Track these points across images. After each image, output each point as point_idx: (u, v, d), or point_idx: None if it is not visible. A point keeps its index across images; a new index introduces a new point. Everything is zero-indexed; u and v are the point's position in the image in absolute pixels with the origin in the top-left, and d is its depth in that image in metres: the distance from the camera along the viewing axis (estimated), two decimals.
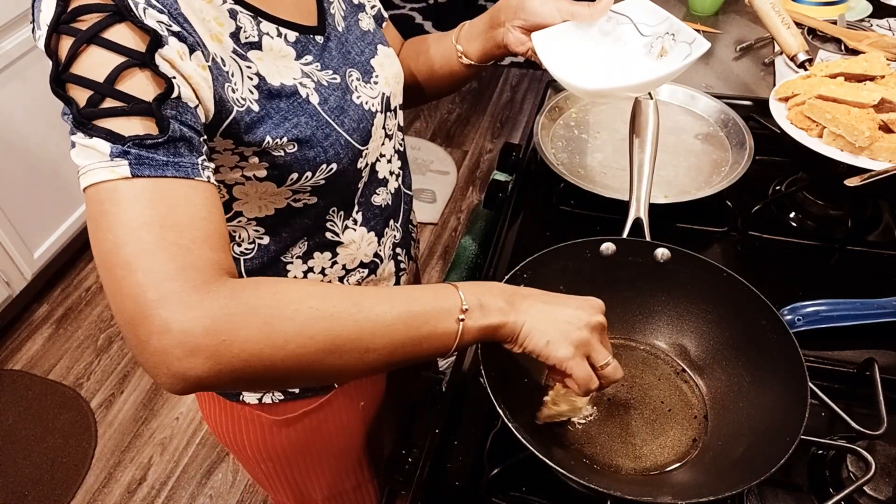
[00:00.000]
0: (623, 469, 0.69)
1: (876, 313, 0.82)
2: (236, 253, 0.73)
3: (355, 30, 0.76)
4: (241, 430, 0.90)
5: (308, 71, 0.67)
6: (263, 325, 0.48)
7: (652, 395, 0.76)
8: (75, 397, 2.02)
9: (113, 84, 0.50)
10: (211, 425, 0.94)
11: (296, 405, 0.86)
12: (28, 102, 2.03)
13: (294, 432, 0.89)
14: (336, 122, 0.67)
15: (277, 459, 0.93)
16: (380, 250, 0.82)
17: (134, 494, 1.80)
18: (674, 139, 1.09)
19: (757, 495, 0.68)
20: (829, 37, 1.30)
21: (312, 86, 0.66)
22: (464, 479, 0.72)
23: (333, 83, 0.69)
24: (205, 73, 0.55)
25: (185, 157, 0.51)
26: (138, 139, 0.49)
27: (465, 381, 0.81)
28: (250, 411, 0.87)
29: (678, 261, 0.78)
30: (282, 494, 1.01)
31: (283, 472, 0.95)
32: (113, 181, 0.48)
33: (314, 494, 1.00)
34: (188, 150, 0.52)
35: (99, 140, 0.49)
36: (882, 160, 0.86)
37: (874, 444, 0.67)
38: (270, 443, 0.90)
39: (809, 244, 0.96)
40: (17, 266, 2.10)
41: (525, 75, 3.34)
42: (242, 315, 0.48)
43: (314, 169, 0.66)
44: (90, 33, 0.50)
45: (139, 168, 0.49)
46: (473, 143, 2.94)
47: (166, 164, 0.50)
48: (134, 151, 0.49)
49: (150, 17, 0.52)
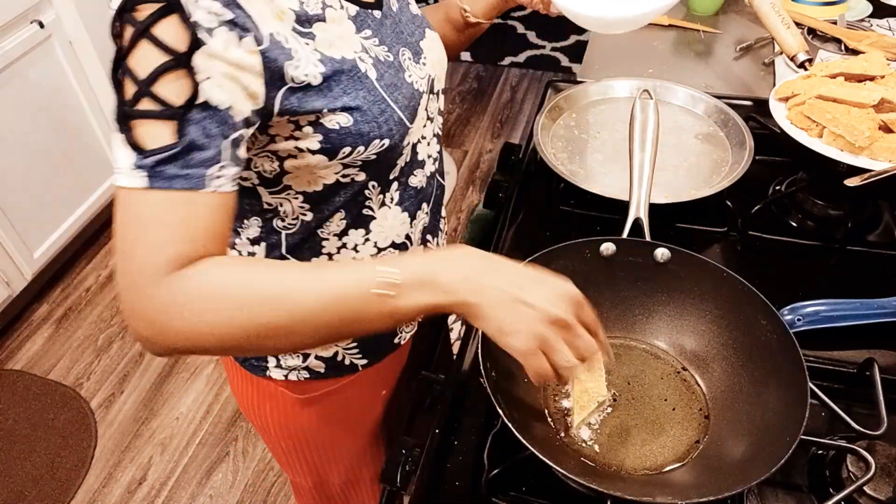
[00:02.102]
0: (623, 469, 0.69)
1: (876, 313, 0.82)
2: (278, 227, 0.74)
3: (406, 12, 0.78)
4: (266, 405, 0.91)
5: (367, 45, 0.68)
6: (195, 315, 0.56)
7: (652, 395, 0.76)
8: (75, 397, 2.02)
9: (152, 84, 0.54)
10: (237, 397, 0.96)
11: (320, 384, 0.88)
12: (28, 102, 2.03)
13: (316, 412, 0.90)
14: (391, 98, 0.68)
15: (298, 438, 0.94)
16: (411, 232, 0.82)
17: (134, 494, 1.80)
18: (674, 139, 1.09)
19: (757, 495, 0.68)
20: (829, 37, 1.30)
21: (370, 61, 0.67)
22: (464, 479, 0.72)
23: (388, 60, 0.70)
24: (254, 57, 0.57)
25: (195, 168, 0.56)
26: (155, 153, 0.54)
27: (465, 381, 0.81)
28: (275, 387, 0.88)
29: (678, 261, 0.78)
30: (300, 475, 1.02)
31: (303, 452, 0.97)
32: (131, 189, 0.55)
33: (332, 478, 1.01)
34: (200, 161, 0.56)
35: (127, 147, 0.55)
36: (882, 160, 0.86)
37: (874, 444, 0.67)
38: (293, 420, 0.91)
39: (809, 244, 0.96)
40: (17, 266, 2.10)
41: (525, 75, 3.34)
42: (179, 306, 0.56)
43: (367, 143, 0.67)
44: (143, 26, 0.53)
45: (154, 181, 0.55)
46: (473, 143, 2.94)
47: (176, 177, 0.55)
48: (151, 165, 0.54)
49: (201, 9, 0.54)
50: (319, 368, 0.86)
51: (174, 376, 2.08)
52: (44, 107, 2.09)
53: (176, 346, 0.58)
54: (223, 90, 0.56)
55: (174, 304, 0.56)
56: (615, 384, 0.77)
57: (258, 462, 1.86)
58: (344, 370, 0.88)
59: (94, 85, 2.25)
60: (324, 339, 0.60)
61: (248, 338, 0.57)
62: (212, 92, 0.55)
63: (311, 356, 0.85)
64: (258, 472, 1.83)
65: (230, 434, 1.92)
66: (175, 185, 0.55)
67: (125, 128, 0.54)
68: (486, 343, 0.68)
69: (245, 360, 0.88)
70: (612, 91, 1.19)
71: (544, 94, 1.25)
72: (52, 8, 2.05)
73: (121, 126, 0.55)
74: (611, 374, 0.77)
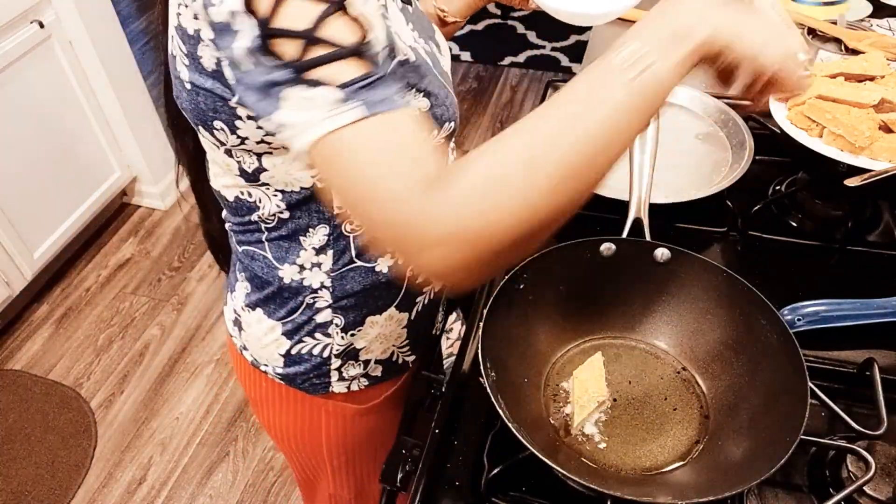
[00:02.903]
0: (623, 469, 0.69)
1: (876, 313, 0.82)
2: (347, 231, 0.73)
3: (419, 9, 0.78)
4: (321, 425, 0.89)
5: (414, 37, 0.68)
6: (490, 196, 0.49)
7: (652, 395, 0.76)
8: (75, 397, 2.02)
9: (317, 32, 0.49)
10: (277, 431, 0.92)
11: (378, 390, 0.87)
12: (28, 102, 2.03)
13: (372, 420, 0.90)
14: (447, 83, 0.69)
15: (352, 451, 0.93)
16: None
17: (134, 494, 1.80)
18: (674, 139, 1.09)
19: (757, 495, 0.68)
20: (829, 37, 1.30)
21: (421, 50, 0.68)
22: (464, 479, 0.72)
23: (428, 50, 0.70)
24: (383, 10, 0.56)
25: (395, 89, 0.52)
26: (359, 80, 0.50)
27: (465, 381, 0.81)
28: (334, 404, 0.87)
29: (678, 261, 0.78)
30: (343, 488, 1.00)
31: (353, 464, 0.95)
32: (345, 126, 0.49)
33: (372, 487, 1.00)
34: (395, 83, 0.52)
35: (325, 88, 0.49)
36: (882, 160, 0.86)
37: (874, 444, 0.67)
38: (350, 434, 0.90)
39: (809, 244, 0.96)
40: (17, 266, 2.10)
41: (525, 75, 3.34)
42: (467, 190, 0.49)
43: (440, 127, 0.67)
44: None
45: (373, 107, 0.50)
46: (473, 143, 2.94)
47: (383, 101, 0.50)
48: (364, 92, 0.50)
49: None
50: (377, 372, 0.85)
51: (174, 376, 2.08)
52: (44, 107, 2.09)
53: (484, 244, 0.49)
54: (381, 27, 0.53)
55: (461, 197, 0.49)
56: (615, 384, 0.77)
57: (258, 462, 1.86)
58: (398, 370, 0.87)
59: (94, 85, 2.25)
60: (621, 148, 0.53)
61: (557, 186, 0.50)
62: (377, 26, 0.52)
63: (371, 362, 0.84)
64: (258, 472, 1.83)
65: (230, 434, 1.92)
66: (397, 103, 0.50)
67: (303, 79, 0.49)
68: (486, 343, 0.68)
69: (305, 381, 0.84)
70: None
71: (544, 94, 1.25)
72: (52, 8, 2.05)
73: (295, 81, 0.50)
74: (611, 374, 0.77)
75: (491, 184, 0.49)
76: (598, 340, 0.81)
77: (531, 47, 3.50)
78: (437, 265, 0.50)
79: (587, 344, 0.81)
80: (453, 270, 0.50)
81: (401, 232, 0.50)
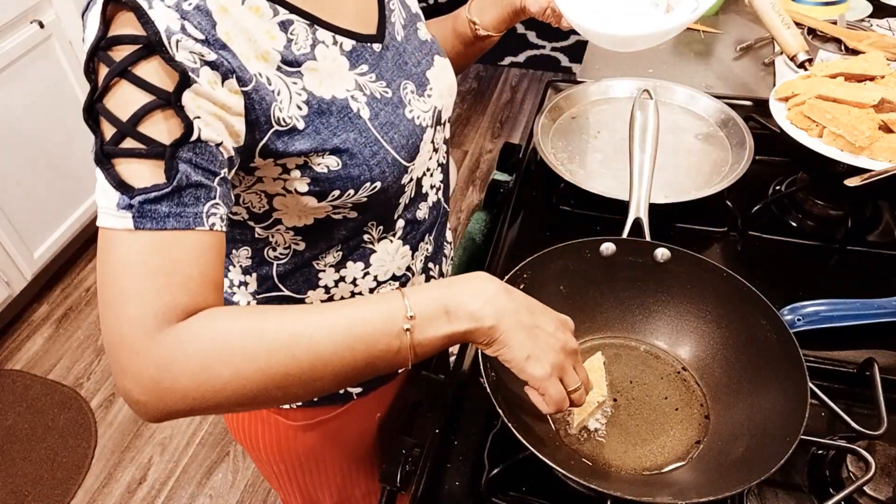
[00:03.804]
0: (623, 469, 0.69)
1: (876, 313, 0.82)
2: (270, 258, 0.72)
3: (413, 40, 0.74)
4: (257, 430, 0.89)
5: (361, 83, 0.65)
6: (201, 371, 0.51)
7: (652, 395, 0.76)
8: (75, 397, 2.02)
9: (136, 125, 0.51)
10: (226, 419, 0.94)
11: (315, 412, 0.86)
12: (28, 102, 2.03)
13: (310, 438, 0.89)
14: (385, 138, 0.66)
15: (291, 463, 0.92)
16: (412, 264, 0.81)
17: (134, 494, 1.80)
18: (674, 139, 1.09)
19: (757, 495, 0.68)
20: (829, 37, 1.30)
21: (364, 99, 0.65)
22: (464, 479, 0.72)
23: (386, 97, 0.67)
24: (237, 97, 0.55)
25: (189, 206, 0.52)
26: (145, 191, 0.51)
27: (465, 381, 0.81)
28: (267, 414, 0.86)
29: (678, 261, 0.78)
30: (291, 496, 1.00)
31: (295, 476, 0.95)
32: (116, 230, 0.51)
33: (323, 499, 0.99)
34: (194, 199, 0.53)
35: (110, 188, 0.51)
36: (882, 160, 0.86)
37: (874, 444, 0.67)
38: (285, 446, 0.90)
39: (809, 244, 0.96)
40: (17, 266, 2.10)
41: (525, 75, 3.34)
42: (181, 362, 0.50)
43: (357, 187, 0.65)
44: (121, 66, 0.51)
45: (141, 221, 0.51)
46: (473, 143, 2.94)
47: (168, 216, 0.51)
48: (138, 205, 0.51)
49: (183, 49, 0.51)
50: None
51: None
52: (44, 107, 2.09)
53: (176, 408, 0.52)
54: (212, 128, 0.54)
55: (174, 360, 0.50)
56: (615, 384, 0.77)
57: None
58: (338, 399, 0.86)
59: None
60: (343, 382, 0.56)
61: (265, 389, 0.52)
62: (203, 129, 0.53)
63: None
64: (258, 472, 1.83)
65: (230, 434, 1.92)
66: (168, 224, 0.51)
67: (107, 167, 0.51)
68: None
69: None
70: (612, 91, 1.19)
71: (544, 94, 1.25)
72: (52, 8, 2.05)
73: (102, 165, 0.51)
74: (611, 374, 0.77)
75: (216, 355, 0.51)
76: (598, 340, 0.81)
77: (531, 47, 3.50)
78: (132, 396, 0.51)
79: (587, 344, 0.81)
80: (144, 410, 0.52)
81: (116, 349, 0.51)
